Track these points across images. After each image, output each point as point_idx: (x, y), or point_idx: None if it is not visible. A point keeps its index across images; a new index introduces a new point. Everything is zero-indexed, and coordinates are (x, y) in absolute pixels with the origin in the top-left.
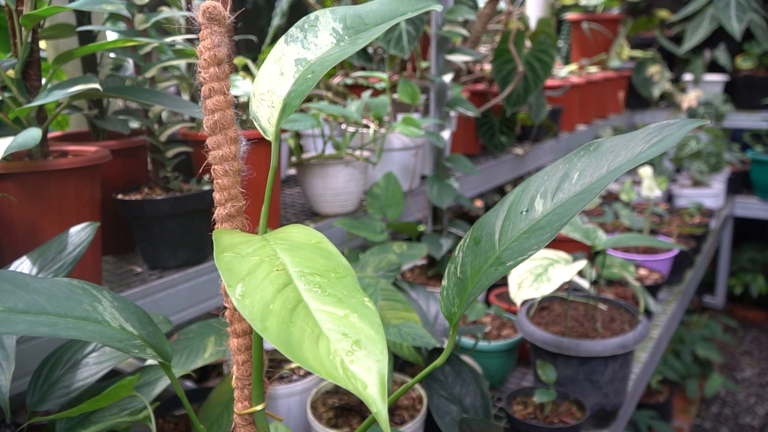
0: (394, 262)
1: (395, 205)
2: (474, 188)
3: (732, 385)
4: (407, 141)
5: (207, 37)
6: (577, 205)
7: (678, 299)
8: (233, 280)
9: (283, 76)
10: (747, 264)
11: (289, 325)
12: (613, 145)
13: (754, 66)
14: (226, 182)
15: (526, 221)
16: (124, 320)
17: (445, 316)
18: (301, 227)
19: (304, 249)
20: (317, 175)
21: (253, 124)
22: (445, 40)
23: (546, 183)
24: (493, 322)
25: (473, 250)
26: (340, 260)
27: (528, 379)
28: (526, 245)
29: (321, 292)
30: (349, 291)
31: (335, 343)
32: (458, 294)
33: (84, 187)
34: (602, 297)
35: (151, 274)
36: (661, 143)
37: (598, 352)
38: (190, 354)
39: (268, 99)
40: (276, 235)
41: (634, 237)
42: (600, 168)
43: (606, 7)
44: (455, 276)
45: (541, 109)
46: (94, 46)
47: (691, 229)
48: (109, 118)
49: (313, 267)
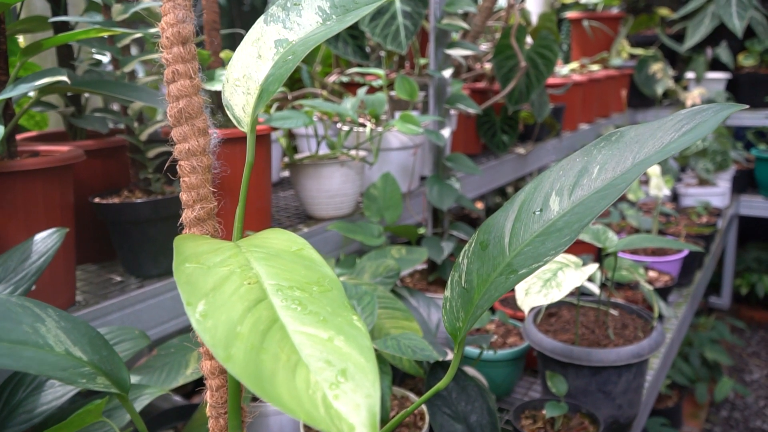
0: (392, 268)
1: (393, 207)
2: (475, 189)
3: (741, 389)
4: (406, 140)
5: (169, 11)
6: (599, 203)
7: (688, 302)
8: (194, 297)
9: (261, 59)
10: (753, 263)
11: (260, 352)
12: (639, 134)
13: (756, 63)
14: (195, 180)
15: (540, 222)
16: (72, 343)
17: (449, 331)
18: (281, 232)
19: (284, 258)
20: (311, 177)
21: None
22: (445, 34)
23: (562, 179)
24: (497, 330)
25: (480, 255)
26: (324, 271)
27: (536, 389)
28: (541, 250)
29: (301, 309)
30: (334, 308)
31: (316, 372)
32: (463, 306)
33: (54, 189)
34: (613, 302)
35: (131, 283)
36: (694, 131)
37: (611, 362)
38: (170, 371)
39: (243, 85)
40: (251, 242)
41: (647, 238)
42: (624, 161)
43: (606, 6)
44: (459, 286)
45: (543, 107)
46: (63, 36)
47: (699, 229)
48: (86, 117)
49: (293, 279)
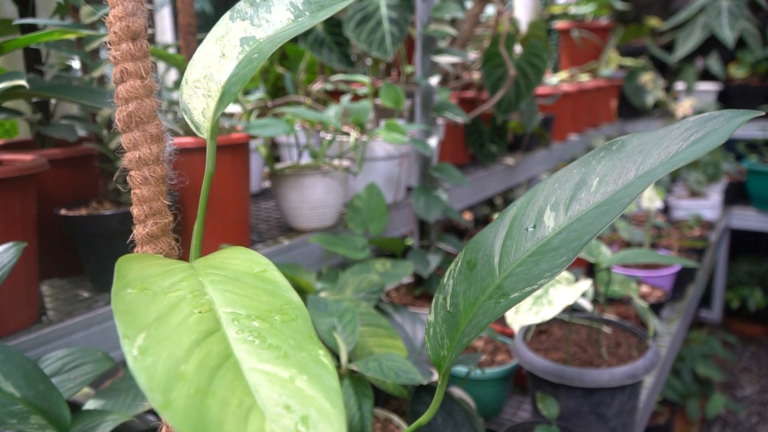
0: (376, 283)
1: (378, 218)
2: (463, 200)
3: (733, 405)
4: (391, 150)
5: (117, 3)
6: (599, 219)
7: (681, 317)
8: (133, 329)
9: (224, 58)
10: (744, 277)
11: (206, 396)
12: (642, 143)
13: (747, 74)
14: (147, 193)
15: (533, 240)
16: (4, 377)
17: (432, 360)
18: (243, 251)
19: (243, 281)
20: (292, 187)
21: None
22: (431, 40)
23: (557, 192)
24: (486, 346)
25: (467, 276)
26: (289, 296)
27: (525, 408)
28: (535, 271)
29: (259, 342)
30: (298, 340)
31: (273, 420)
32: (448, 333)
33: (13, 201)
34: (606, 318)
35: (98, 300)
36: (705, 141)
37: (604, 383)
38: (136, 395)
39: (203, 86)
40: (208, 263)
41: (641, 253)
42: (626, 173)
43: (595, 16)
44: (444, 309)
45: (533, 117)
46: (24, 39)
47: (692, 243)
48: (53, 125)
49: (252, 306)
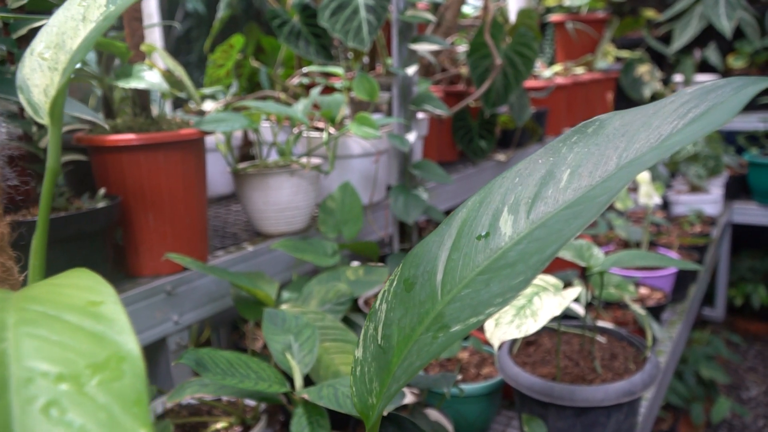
0: (343, 293)
1: (353, 221)
2: (450, 199)
3: (739, 408)
4: (368, 146)
5: None
6: (569, 224)
7: (683, 319)
8: None
9: (84, 21)
10: (747, 273)
11: None
12: (626, 124)
13: (746, 65)
14: None
15: (485, 253)
16: None
17: (358, 409)
18: (85, 276)
19: (65, 320)
20: (256, 188)
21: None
22: (409, 27)
23: (518, 188)
24: (471, 358)
25: (403, 299)
26: (121, 341)
27: (514, 425)
28: (483, 296)
29: (59, 416)
30: (114, 414)
31: None
32: (378, 374)
33: None
34: (600, 326)
35: None
36: (706, 118)
37: (598, 401)
38: None
39: (51, 57)
40: (30, 292)
41: (637, 255)
42: (605, 162)
43: (591, 8)
44: (375, 342)
45: (523, 110)
46: None
47: (693, 240)
48: None
49: (66, 360)
